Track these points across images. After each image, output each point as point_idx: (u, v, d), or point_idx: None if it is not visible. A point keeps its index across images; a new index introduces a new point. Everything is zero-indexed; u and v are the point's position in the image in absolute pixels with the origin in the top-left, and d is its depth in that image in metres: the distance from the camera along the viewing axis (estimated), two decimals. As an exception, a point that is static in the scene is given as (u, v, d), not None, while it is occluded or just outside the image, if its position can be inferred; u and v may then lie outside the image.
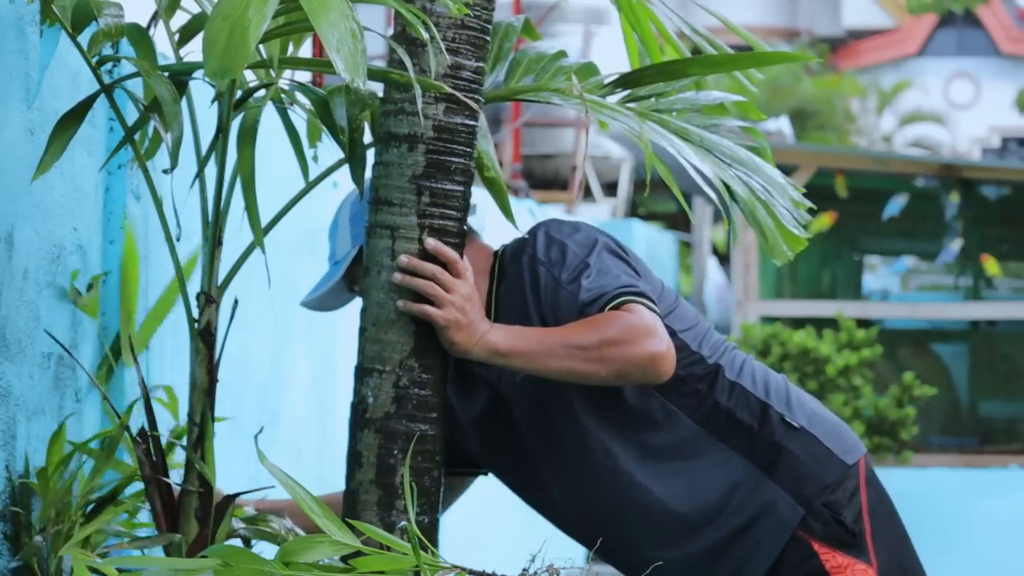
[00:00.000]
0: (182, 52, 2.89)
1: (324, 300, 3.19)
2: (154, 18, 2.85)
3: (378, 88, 2.84)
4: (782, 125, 15.15)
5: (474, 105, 2.79)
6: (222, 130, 2.82)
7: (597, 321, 2.86)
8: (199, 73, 2.78)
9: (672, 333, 2.96)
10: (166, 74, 2.72)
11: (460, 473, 3.21)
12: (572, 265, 2.94)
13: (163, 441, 2.91)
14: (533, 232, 3.02)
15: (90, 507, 2.89)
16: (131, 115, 3.12)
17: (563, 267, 2.94)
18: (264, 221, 2.85)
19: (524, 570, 2.57)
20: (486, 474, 3.22)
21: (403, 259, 2.78)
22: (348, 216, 3.13)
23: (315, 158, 3.11)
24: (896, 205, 11.52)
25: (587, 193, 13.56)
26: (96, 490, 2.90)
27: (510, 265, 3.01)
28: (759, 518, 2.98)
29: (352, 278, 3.12)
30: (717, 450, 2.99)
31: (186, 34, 2.90)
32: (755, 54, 2.98)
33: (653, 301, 2.91)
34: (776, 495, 2.97)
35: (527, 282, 2.97)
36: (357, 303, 2.96)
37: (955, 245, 11.24)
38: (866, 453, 3.08)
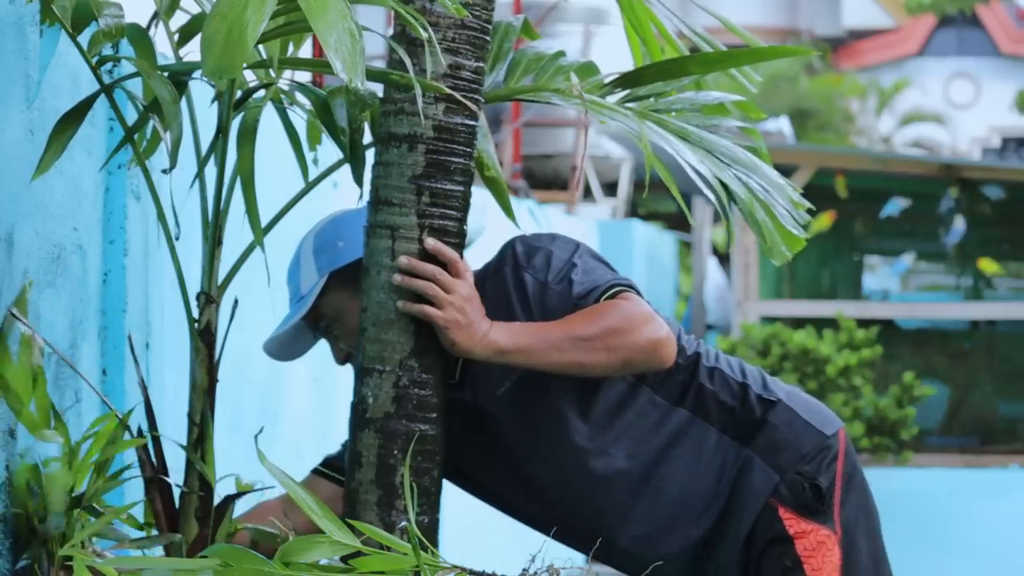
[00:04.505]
0: (182, 52, 2.89)
1: (285, 346, 3.13)
2: (154, 18, 2.85)
3: (378, 88, 2.84)
4: (782, 125, 15.14)
5: (473, 106, 2.79)
6: (222, 130, 2.82)
7: (595, 312, 2.87)
8: (199, 73, 2.78)
9: None
10: (166, 74, 2.72)
11: None
12: (557, 267, 2.95)
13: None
14: (509, 247, 3.02)
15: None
16: (131, 115, 3.12)
17: (548, 270, 2.95)
18: (264, 221, 2.85)
19: (524, 570, 2.57)
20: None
21: (402, 260, 2.78)
22: (312, 248, 3.08)
23: (315, 161, 3.10)
24: (896, 205, 11.51)
25: (587, 193, 13.55)
26: (96, 491, 2.90)
27: (482, 284, 2.97)
28: (741, 488, 3.00)
29: (318, 315, 3.07)
30: (708, 433, 3.01)
31: (186, 34, 2.90)
32: (754, 49, 2.98)
33: (640, 294, 2.94)
34: (754, 464, 3.00)
35: (512, 292, 2.96)
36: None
37: (959, 225, 11.22)
38: (844, 427, 3.11)
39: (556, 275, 2.95)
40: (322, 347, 3.46)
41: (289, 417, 4.45)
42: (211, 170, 2.85)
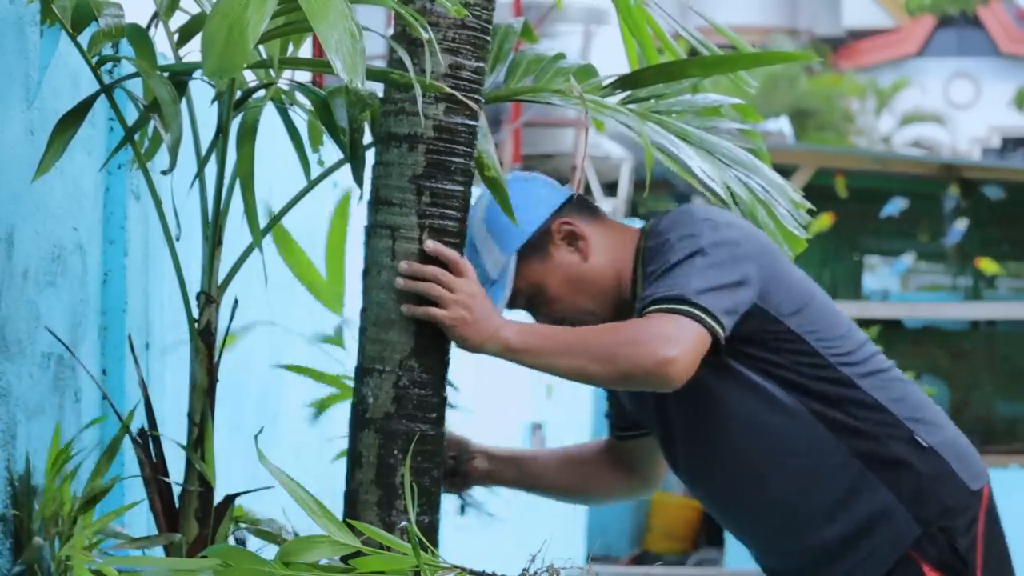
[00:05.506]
0: (182, 52, 2.89)
1: None
2: (154, 18, 2.85)
3: (378, 88, 2.84)
4: (782, 125, 15.16)
5: (474, 105, 2.79)
6: (222, 130, 2.82)
7: (621, 325, 2.85)
8: (199, 73, 2.78)
9: (796, 338, 2.92)
10: (166, 74, 2.72)
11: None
12: (661, 263, 2.88)
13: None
14: (661, 217, 2.98)
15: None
16: (131, 115, 3.12)
17: (656, 262, 2.90)
18: (264, 221, 2.85)
19: (524, 570, 2.57)
20: None
21: (403, 265, 2.77)
22: (487, 234, 2.99)
23: (320, 163, 3.10)
24: (896, 205, 11.52)
25: (587, 193, 13.56)
26: (96, 491, 2.90)
27: (646, 246, 2.97)
28: (875, 528, 2.93)
29: (515, 293, 2.99)
30: (840, 453, 2.93)
31: (186, 34, 2.91)
32: (755, 54, 2.98)
33: (713, 315, 2.81)
34: (896, 510, 2.92)
35: (645, 267, 2.95)
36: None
37: (959, 225, 11.23)
38: (990, 481, 3.02)
39: (654, 270, 2.89)
40: (319, 348, 3.46)
41: (289, 417, 4.45)
42: (211, 170, 2.85)
